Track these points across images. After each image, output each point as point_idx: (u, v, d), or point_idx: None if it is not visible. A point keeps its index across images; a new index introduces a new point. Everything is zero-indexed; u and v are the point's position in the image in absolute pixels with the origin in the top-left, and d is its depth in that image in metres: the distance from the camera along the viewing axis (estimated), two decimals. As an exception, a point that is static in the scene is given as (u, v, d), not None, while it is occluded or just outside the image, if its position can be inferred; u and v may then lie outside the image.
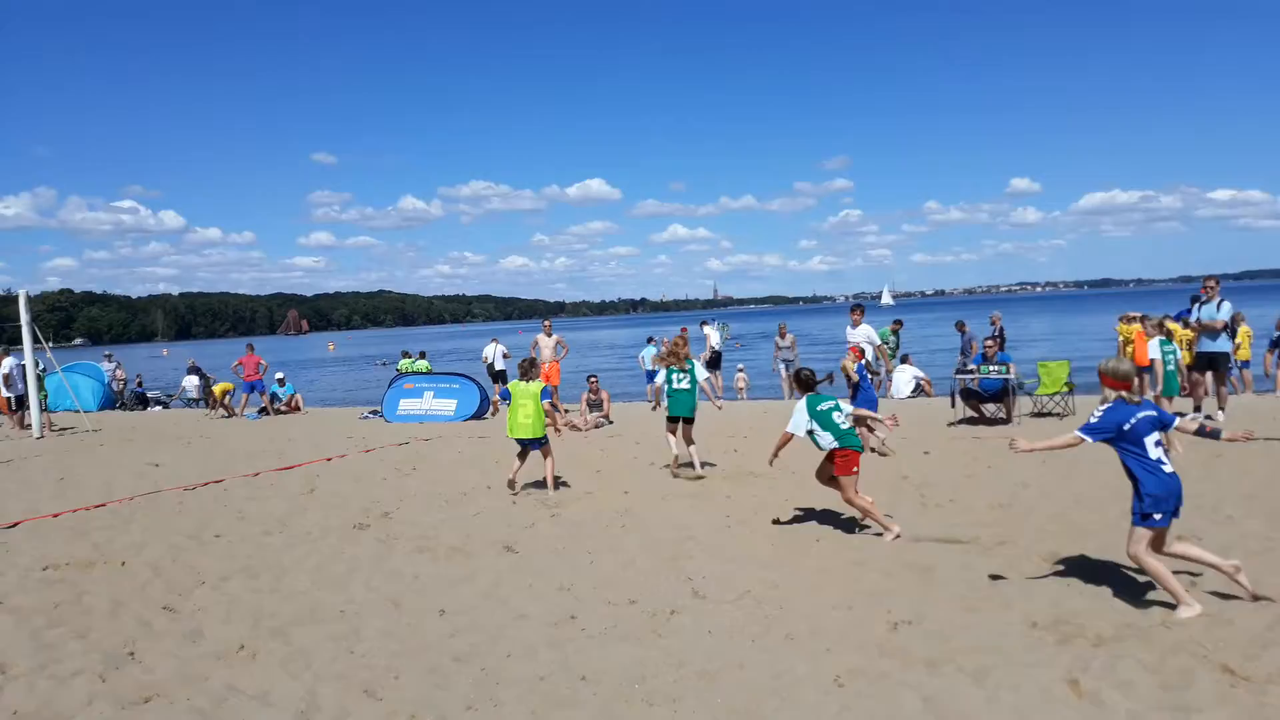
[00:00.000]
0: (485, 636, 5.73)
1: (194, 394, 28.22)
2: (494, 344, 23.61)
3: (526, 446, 10.27)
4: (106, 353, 31.55)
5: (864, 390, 11.90)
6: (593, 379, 16.99)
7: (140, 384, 30.12)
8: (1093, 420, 5.44)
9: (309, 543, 8.47)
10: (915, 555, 7.06)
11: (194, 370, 29.49)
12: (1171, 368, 11.83)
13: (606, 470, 11.62)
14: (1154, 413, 5.47)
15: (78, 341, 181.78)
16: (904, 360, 20.88)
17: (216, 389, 23.57)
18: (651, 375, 23.71)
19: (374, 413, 20.80)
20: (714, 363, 23.19)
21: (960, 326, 19.99)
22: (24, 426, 20.00)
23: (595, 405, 16.52)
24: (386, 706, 4.77)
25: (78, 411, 22.45)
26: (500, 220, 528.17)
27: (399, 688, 5.01)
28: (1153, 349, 11.80)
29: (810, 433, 7.78)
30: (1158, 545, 5.45)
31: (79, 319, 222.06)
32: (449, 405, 19.33)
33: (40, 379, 20.36)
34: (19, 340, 19.50)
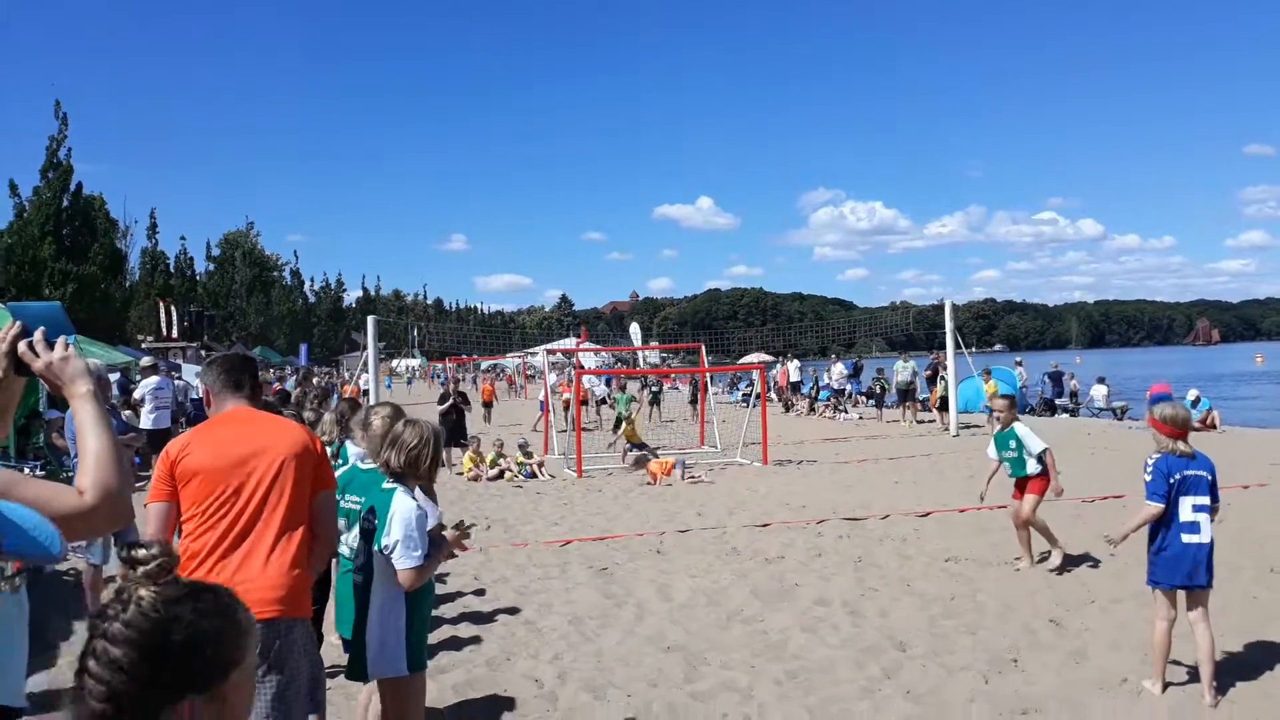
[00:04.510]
0: None
1: (1101, 403, 27.87)
2: None
3: None
4: (1017, 359, 33.01)
5: None
6: None
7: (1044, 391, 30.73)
8: None
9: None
10: None
11: (1101, 380, 29.13)
12: None
13: None
14: None
15: (997, 347, 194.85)
16: None
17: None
18: None
19: (1308, 438, 17.89)
20: None
21: None
22: (919, 422, 22.09)
23: None
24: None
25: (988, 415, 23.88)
26: None
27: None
28: None
29: None
30: None
31: (1000, 326, 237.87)
32: None
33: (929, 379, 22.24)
34: (944, 345, 21.63)
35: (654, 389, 29.06)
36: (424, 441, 3.78)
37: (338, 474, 4.20)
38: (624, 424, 17.97)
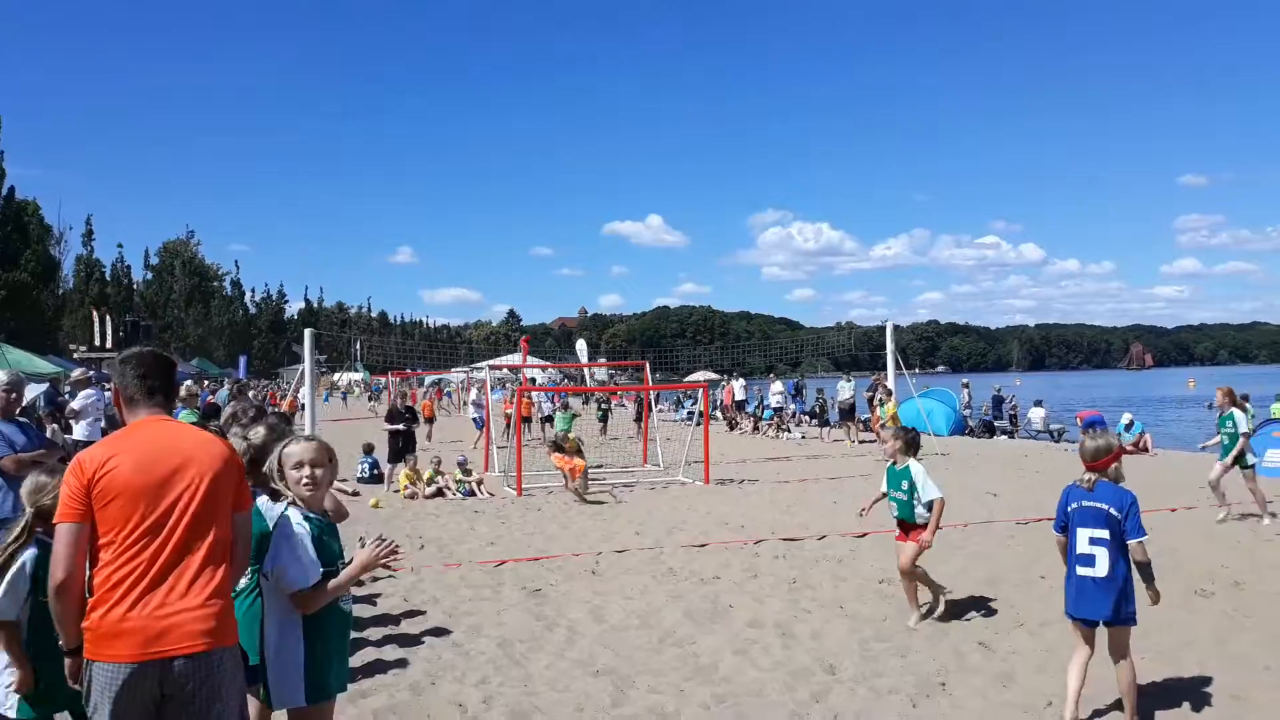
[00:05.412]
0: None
1: (1039, 425, 28.35)
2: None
3: None
4: (964, 381, 33.47)
5: None
6: None
7: (987, 412, 31.23)
8: None
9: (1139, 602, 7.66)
10: None
11: (1038, 403, 29.67)
12: None
13: None
14: None
15: (940, 369, 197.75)
16: None
17: None
18: None
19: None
20: None
21: None
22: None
23: None
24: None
25: (928, 435, 24.20)
26: None
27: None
28: None
29: None
30: None
31: (942, 348, 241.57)
32: (1336, 463, 16.05)
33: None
34: (885, 366, 21.88)
35: (603, 406, 29.02)
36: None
37: None
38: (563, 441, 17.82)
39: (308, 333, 17.22)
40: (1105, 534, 4.97)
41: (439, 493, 14.75)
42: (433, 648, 6.66)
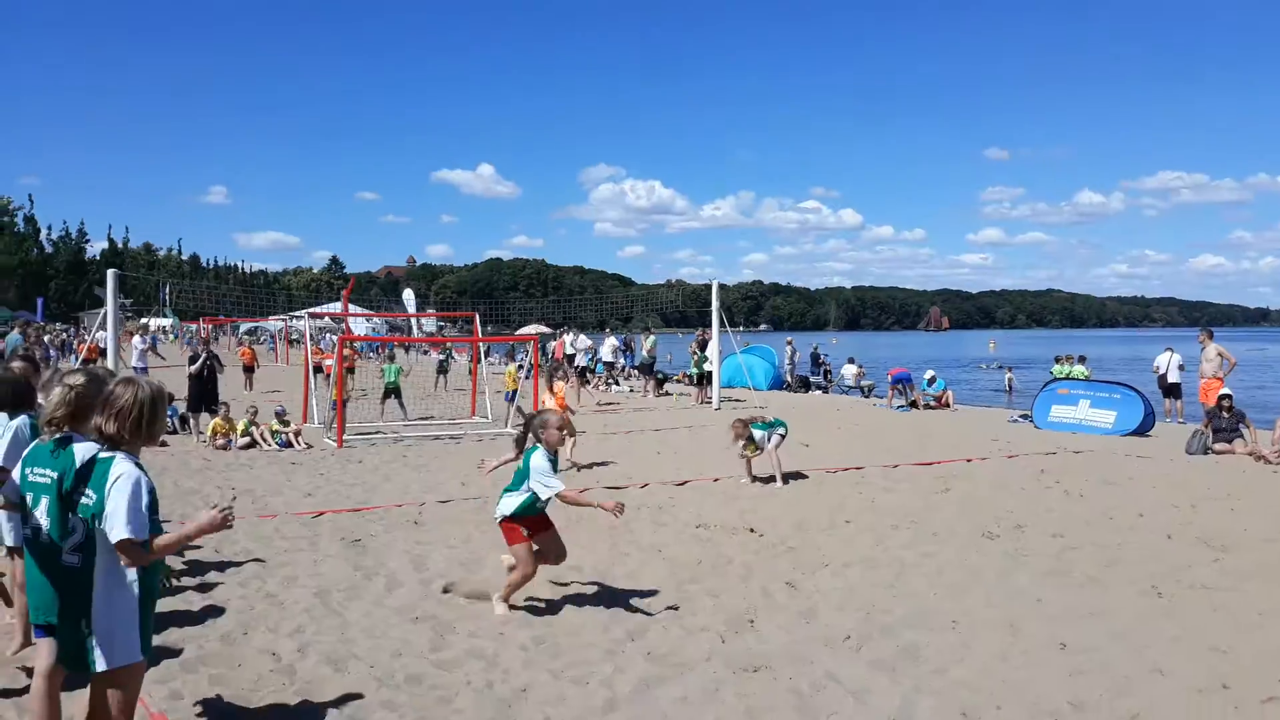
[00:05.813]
0: (1108, 684, 5.00)
1: (851, 381, 29.80)
2: (1169, 353, 21.11)
3: None
4: (788, 339, 34.70)
5: None
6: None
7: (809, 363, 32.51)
8: None
9: (934, 543, 8.27)
10: None
11: (851, 360, 31.18)
12: None
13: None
14: None
15: (763, 327, 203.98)
16: None
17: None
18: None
19: (1024, 417, 19.88)
20: None
21: None
22: (704, 401, 22.93)
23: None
24: (981, 738, 4.40)
25: (749, 388, 25.05)
26: (1192, 214, 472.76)
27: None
28: None
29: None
30: None
31: (765, 307, 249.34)
32: (1107, 417, 17.67)
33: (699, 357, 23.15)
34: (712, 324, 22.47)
35: (441, 357, 28.81)
36: (138, 400, 3.42)
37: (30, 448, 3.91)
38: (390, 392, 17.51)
39: (110, 273, 16.09)
40: None
41: (252, 444, 14.23)
42: (245, 599, 6.47)
